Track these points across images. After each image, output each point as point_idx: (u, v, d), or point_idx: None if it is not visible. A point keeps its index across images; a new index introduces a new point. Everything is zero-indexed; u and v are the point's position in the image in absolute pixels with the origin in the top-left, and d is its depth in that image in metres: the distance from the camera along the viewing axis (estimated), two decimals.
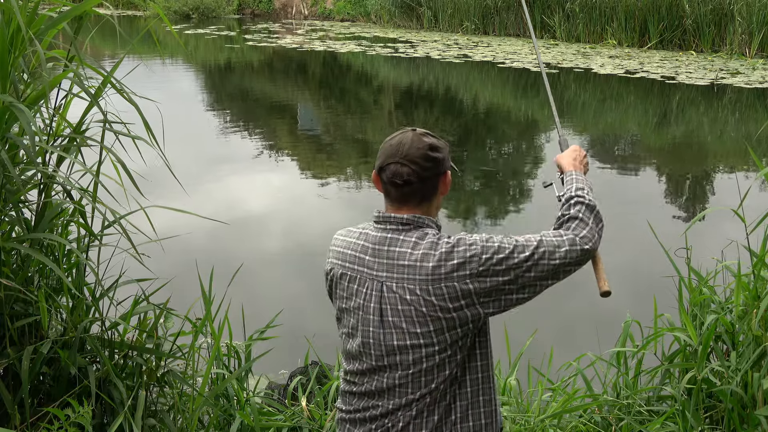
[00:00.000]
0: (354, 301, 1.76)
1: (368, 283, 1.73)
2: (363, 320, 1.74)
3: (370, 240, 1.76)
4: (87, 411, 2.00)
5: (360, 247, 1.76)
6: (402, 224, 1.73)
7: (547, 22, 18.57)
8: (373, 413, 1.79)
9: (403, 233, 1.73)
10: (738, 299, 2.58)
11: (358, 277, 1.75)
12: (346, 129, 10.43)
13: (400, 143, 1.74)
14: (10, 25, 2.00)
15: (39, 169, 2.12)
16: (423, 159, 1.72)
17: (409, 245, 1.70)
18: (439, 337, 1.69)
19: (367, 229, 1.79)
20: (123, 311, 2.41)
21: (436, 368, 1.71)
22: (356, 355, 1.79)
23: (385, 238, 1.73)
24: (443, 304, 1.67)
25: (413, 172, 1.71)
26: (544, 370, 3.12)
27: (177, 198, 3.54)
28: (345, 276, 1.78)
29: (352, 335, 1.78)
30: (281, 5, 26.93)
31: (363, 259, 1.75)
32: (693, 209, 6.84)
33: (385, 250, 1.72)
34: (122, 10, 26.55)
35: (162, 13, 2.56)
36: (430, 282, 1.66)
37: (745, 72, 13.66)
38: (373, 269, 1.73)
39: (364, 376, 1.79)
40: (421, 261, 1.68)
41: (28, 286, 2.20)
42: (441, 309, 1.67)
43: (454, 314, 1.68)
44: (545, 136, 10.23)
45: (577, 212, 1.97)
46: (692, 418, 2.49)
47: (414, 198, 1.74)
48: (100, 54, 14.56)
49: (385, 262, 1.72)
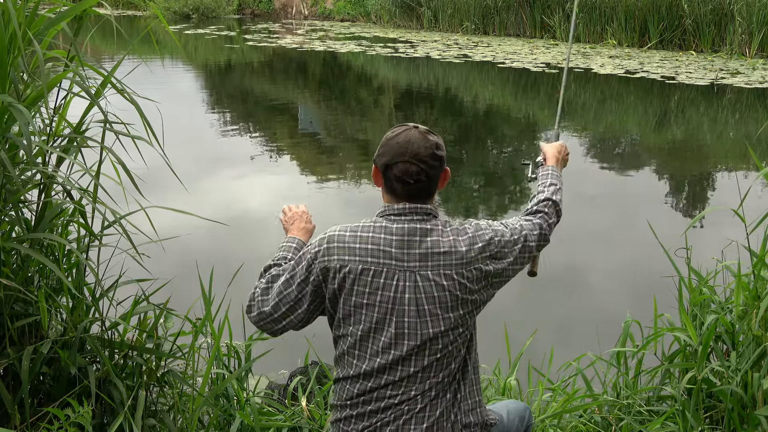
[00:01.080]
0: (381, 295, 1.76)
1: (398, 274, 1.75)
2: (397, 312, 1.75)
3: (395, 233, 1.77)
4: (87, 411, 2.00)
5: (383, 240, 1.77)
6: (426, 214, 1.79)
7: (547, 22, 18.57)
8: (390, 402, 1.80)
9: (428, 222, 1.79)
10: (738, 299, 2.58)
11: (385, 271, 1.75)
12: (346, 129, 10.43)
13: (407, 142, 1.77)
14: (9, 25, 2.00)
15: (39, 169, 2.12)
16: (431, 158, 1.77)
17: (439, 233, 1.77)
18: (465, 318, 1.78)
19: (382, 223, 1.80)
20: (123, 311, 2.41)
21: (456, 350, 1.80)
22: (382, 350, 1.78)
23: (415, 229, 1.77)
24: (472, 285, 1.76)
25: (422, 171, 1.76)
26: (544, 370, 3.11)
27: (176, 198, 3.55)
28: (367, 271, 1.76)
29: (377, 329, 1.77)
30: (281, 5, 26.93)
31: (389, 252, 1.76)
32: (693, 209, 6.84)
33: (417, 240, 1.76)
34: (122, 10, 26.56)
35: (160, 14, 2.56)
36: (464, 265, 1.75)
37: (745, 72, 13.66)
38: (403, 261, 1.75)
39: (385, 370, 1.79)
40: (454, 246, 1.76)
41: (28, 286, 2.20)
42: (470, 291, 1.76)
43: (477, 296, 1.79)
44: (545, 136, 10.24)
45: (546, 208, 2.17)
46: (692, 418, 2.49)
47: (422, 195, 1.80)
48: (100, 54, 14.56)
49: (417, 252, 1.75)
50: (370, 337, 1.79)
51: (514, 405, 2.15)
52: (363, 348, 1.80)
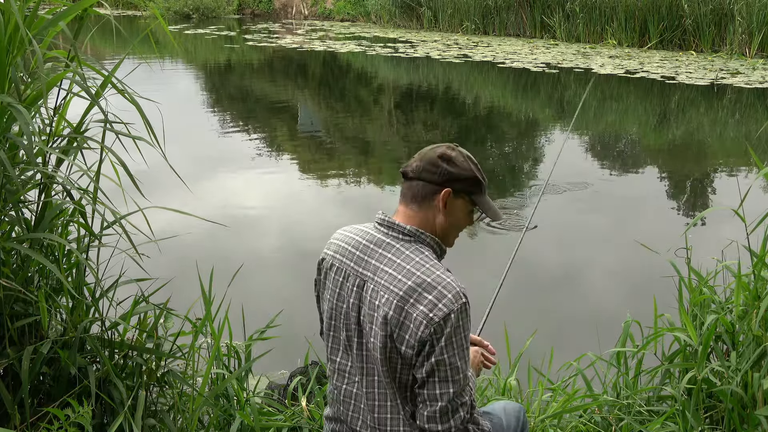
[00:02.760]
0: (338, 295, 1.78)
1: (351, 278, 1.75)
2: (345, 315, 1.77)
3: (367, 238, 1.78)
4: (87, 411, 1.99)
5: (354, 242, 1.79)
6: (403, 234, 1.74)
7: (547, 22, 18.57)
8: (347, 404, 1.84)
9: (400, 242, 1.74)
10: (738, 299, 2.58)
11: (345, 270, 1.77)
12: (346, 129, 10.43)
13: (430, 148, 1.80)
14: (8, 25, 2.00)
15: (39, 169, 2.11)
16: (429, 162, 1.76)
17: (400, 255, 1.71)
18: (382, 348, 1.70)
19: (369, 228, 1.81)
20: (123, 311, 2.40)
21: (385, 374, 1.73)
22: (337, 352, 1.82)
23: (382, 241, 1.75)
24: (391, 324, 1.67)
25: (416, 169, 1.77)
26: (544, 370, 3.12)
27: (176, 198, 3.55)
28: (333, 267, 1.80)
29: (335, 328, 1.81)
30: (281, 5, 26.93)
31: (353, 254, 1.77)
32: (693, 209, 6.84)
33: (378, 252, 1.74)
34: (122, 10, 26.56)
35: (159, 15, 2.56)
36: (398, 299, 1.65)
37: (745, 72, 13.66)
38: (360, 266, 1.75)
39: (336, 373, 1.84)
40: (402, 276, 1.67)
41: (28, 286, 2.20)
42: (385, 325, 1.68)
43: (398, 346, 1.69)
44: (545, 136, 10.24)
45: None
46: (692, 418, 2.49)
47: (409, 193, 1.78)
48: (100, 54, 14.55)
49: (372, 263, 1.73)
50: (330, 336, 1.84)
51: (511, 405, 2.17)
52: (327, 345, 1.86)
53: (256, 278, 4.89)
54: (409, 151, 9.02)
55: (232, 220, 5.93)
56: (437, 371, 1.65)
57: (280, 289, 4.84)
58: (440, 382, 1.65)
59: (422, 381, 1.67)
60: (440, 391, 1.66)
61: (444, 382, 1.65)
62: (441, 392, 1.66)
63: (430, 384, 1.66)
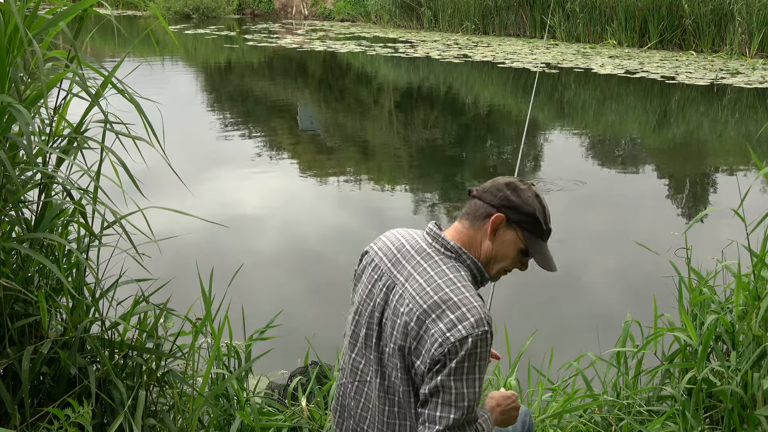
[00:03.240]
0: (369, 291, 1.78)
1: (384, 278, 1.75)
2: (370, 312, 1.76)
3: (411, 243, 1.78)
4: (87, 411, 1.99)
5: (399, 244, 1.79)
6: (446, 248, 1.73)
7: (547, 22, 18.57)
8: (352, 402, 1.84)
9: (440, 255, 1.72)
10: (738, 299, 2.58)
11: (381, 268, 1.77)
12: (346, 129, 10.43)
13: (508, 177, 1.82)
14: (8, 25, 2.00)
15: (39, 169, 2.11)
16: (495, 185, 1.78)
17: (435, 268, 1.69)
18: (399, 356, 1.69)
19: (417, 234, 1.82)
20: (123, 311, 2.40)
21: (396, 381, 1.72)
22: (355, 349, 1.82)
23: (423, 250, 1.74)
24: (410, 333, 1.65)
25: (481, 188, 1.78)
26: (544, 370, 3.12)
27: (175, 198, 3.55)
28: (373, 263, 1.81)
29: (357, 324, 1.81)
30: (281, 5, 26.93)
31: (394, 256, 1.77)
32: (693, 209, 6.84)
33: (416, 259, 1.73)
34: (122, 10, 26.56)
35: (159, 15, 2.56)
36: (421, 312, 1.63)
37: (745, 72, 13.66)
38: (395, 268, 1.75)
39: (350, 371, 1.83)
40: (431, 288, 1.64)
41: (28, 286, 2.20)
42: (404, 335, 1.66)
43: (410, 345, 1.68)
44: (545, 136, 10.24)
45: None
46: (692, 418, 2.49)
47: (467, 212, 1.79)
48: (100, 54, 14.55)
49: (407, 268, 1.72)
50: (351, 331, 1.83)
51: None
52: (346, 341, 1.85)
53: (256, 278, 4.89)
54: (409, 151, 9.02)
55: (232, 220, 5.93)
56: (441, 393, 1.58)
57: (280, 289, 4.84)
58: (442, 405, 1.58)
59: (425, 399, 1.62)
60: (440, 414, 1.58)
61: (446, 405, 1.58)
62: (440, 415, 1.58)
63: (431, 404, 1.60)
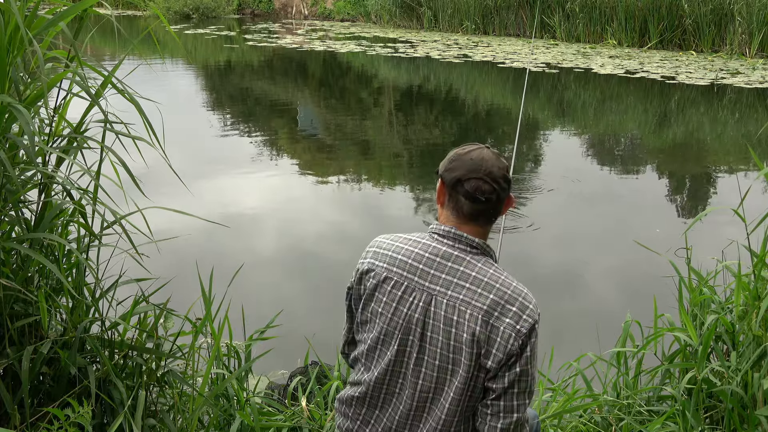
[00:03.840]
0: (395, 309, 1.71)
1: (416, 293, 1.69)
2: (404, 329, 1.70)
3: (430, 251, 1.71)
4: (87, 411, 1.99)
5: (415, 255, 1.72)
6: (472, 246, 1.70)
7: (547, 22, 18.58)
8: (379, 416, 1.79)
9: (469, 255, 1.70)
10: (738, 299, 2.58)
11: (405, 284, 1.70)
12: (346, 129, 10.43)
13: (482, 159, 1.71)
14: (8, 25, 2.00)
15: (39, 169, 2.11)
16: (503, 180, 1.71)
17: (473, 268, 1.67)
18: (468, 370, 1.65)
19: (425, 239, 1.75)
20: (123, 311, 2.40)
21: (449, 389, 1.68)
22: (383, 364, 1.75)
23: (450, 254, 1.70)
24: (478, 337, 1.63)
25: (494, 191, 1.69)
26: (544, 370, 3.12)
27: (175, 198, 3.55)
28: (389, 280, 1.72)
29: (384, 342, 1.74)
30: (281, 5, 26.93)
31: (416, 268, 1.70)
32: (693, 209, 6.84)
33: (448, 265, 1.69)
34: (122, 10, 26.56)
35: (160, 14, 2.56)
36: (483, 314, 1.63)
37: (745, 72, 13.66)
38: (425, 280, 1.69)
39: (380, 385, 1.77)
40: (482, 289, 1.64)
41: (28, 286, 2.20)
42: (474, 343, 1.64)
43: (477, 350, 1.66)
44: (545, 136, 10.24)
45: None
46: (692, 418, 2.49)
47: (484, 216, 1.72)
48: (100, 54, 14.55)
49: (442, 277, 1.68)
50: (377, 349, 1.76)
51: None
52: (369, 358, 1.78)
53: (256, 278, 4.89)
54: (409, 151, 9.02)
55: (232, 220, 5.93)
56: (518, 382, 1.62)
57: (280, 289, 4.84)
58: (519, 394, 1.63)
59: (501, 392, 1.63)
60: (518, 402, 1.63)
61: (522, 393, 1.63)
62: (519, 403, 1.63)
63: (508, 395, 1.63)
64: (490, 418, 1.65)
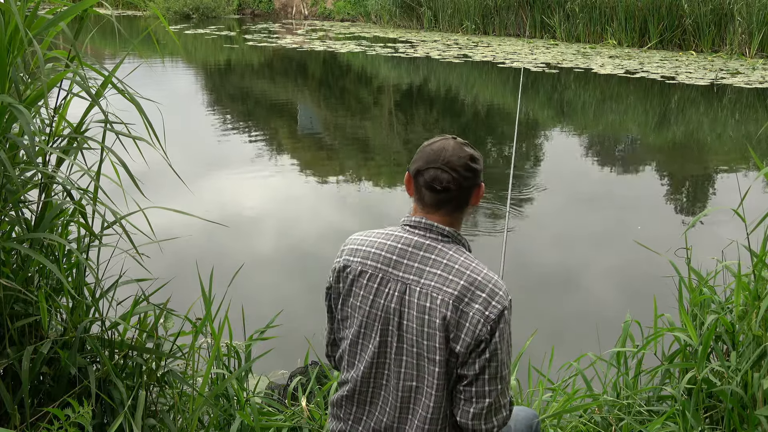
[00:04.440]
0: (372, 301, 1.74)
1: (391, 283, 1.71)
2: (383, 321, 1.73)
3: (402, 242, 1.74)
4: (87, 411, 2.00)
5: (388, 247, 1.75)
6: (443, 235, 1.73)
7: (547, 22, 18.58)
8: (368, 410, 1.80)
9: (441, 243, 1.72)
10: (738, 299, 2.58)
11: (380, 276, 1.73)
12: (345, 129, 10.43)
13: (441, 149, 1.73)
14: (9, 25, 2.00)
15: (39, 169, 2.11)
16: (464, 168, 1.72)
17: (444, 256, 1.70)
18: (441, 350, 1.68)
19: (397, 231, 1.77)
20: (123, 311, 2.40)
21: (430, 377, 1.70)
22: (366, 358, 1.77)
23: (422, 243, 1.72)
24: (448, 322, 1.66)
25: (453, 180, 1.71)
26: (544, 370, 3.12)
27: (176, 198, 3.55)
28: (365, 274, 1.75)
29: (365, 335, 1.76)
30: (281, 5, 26.93)
31: (389, 259, 1.73)
32: (693, 209, 6.85)
33: (420, 254, 1.71)
34: (122, 10, 26.56)
35: (160, 14, 2.56)
36: (454, 299, 1.65)
37: (745, 72, 13.66)
38: (399, 270, 1.71)
39: (366, 379, 1.78)
40: (453, 275, 1.67)
41: (28, 286, 2.20)
42: (445, 327, 1.66)
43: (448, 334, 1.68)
44: (544, 136, 10.24)
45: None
46: (692, 418, 2.49)
47: (448, 205, 1.73)
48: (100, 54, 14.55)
49: (415, 266, 1.70)
50: (359, 343, 1.78)
51: (524, 413, 2.15)
52: (352, 353, 1.80)
53: (256, 278, 4.89)
54: (409, 151, 9.02)
55: (232, 220, 5.94)
56: (488, 368, 1.66)
57: (280, 289, 4.84)
58: (491, 379, 1.67)
59: (473, 378, 1.67)
60: (489, 388, 1.67)
61: (494, 379, 1.67)
62: (490, 389, 1.67)
63: (479, 381, 1.67)
64: (463, 403, 1.69)
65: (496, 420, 1.70)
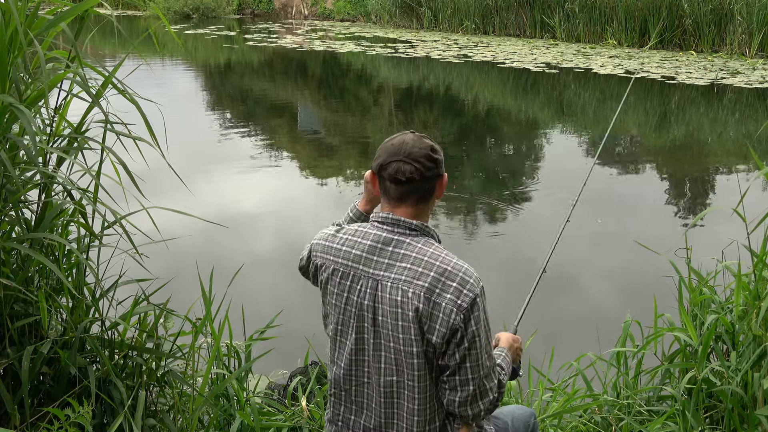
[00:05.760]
0: (347, 298, 1.76)
1: (363, 281, 1.74)
2: (358, 317, 1.75)
3: (372, 238, 1.76)
4: (87, 411, 2.00)
5: (358, 244, 1.77)
6: (410, 229, 1.75)
7: (547, 22, 18.58)
8: (352, 408, 1.82)
9: (409, 237, 1.74)
10: (738, 299, 2.58)
11: (352, 274, 1.76)
12: (346, 129, 10.43)
13: (402, 142, 1.76)
14: (9, 25, 2.01)
15: (39, 169, 2.11)
16: (425, 159, 1.75)
17: (413, 249, 1.72)
18: (421, 348, 1.70)
19: (367, 228, 1.80)
20: (123, 311, 2.41)
21: (409, 369, 1.72)
22: (346, 355, 1.79)
23: (390, 239, 1.75)
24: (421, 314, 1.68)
25: (416, 170, 1.74)
26: (544, 370, 3.12)
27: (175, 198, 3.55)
28: (337, 272, 1.78)
29: (342, 333, 1.79)
30: (281, 5, 26.93)
31: (360, 257, 1.76)
32: (693, 209, 6.84)
33: (389, 249, 1.73)
34: (122, 10, 26.55)
35: (161, 14, 2.56)
36: (425, 291, 1.67)
37: (745, 72, 13.66)
38: (370, 267, 1.74)
39: (346, 376, 1.81)
40: (423, 268, 1.69)
41: (28, 286, 2.20)
42: (418, 319, 1.68)
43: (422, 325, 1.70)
44: (545, 136, 10.24)
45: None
46: (692, 418, 2.49)
47: (413, 196, 1.76)
48: (100, 54, 14.56)
49: (385, 262, 1.73)
50: (337, 340, 1.82)
51: (520, 411, 2.16)
52: (333, 350, 1.84)
53: (256, 278, 4.89)
54: None
55: (232, 221, 5.94)
56: (469, 357, 1.68)
57: (280, 290, 4.84)
58: (473, 367, 1.69)
59: (455, 367, 1.69)
60: (471, 376, 1.69)
61: (476, 366, 1.69)
62: (472, 377, 1.70)
63: (462, 370, 1.69)
64: (448, 392, 1.72)
65: (482, 404, 1.73)
